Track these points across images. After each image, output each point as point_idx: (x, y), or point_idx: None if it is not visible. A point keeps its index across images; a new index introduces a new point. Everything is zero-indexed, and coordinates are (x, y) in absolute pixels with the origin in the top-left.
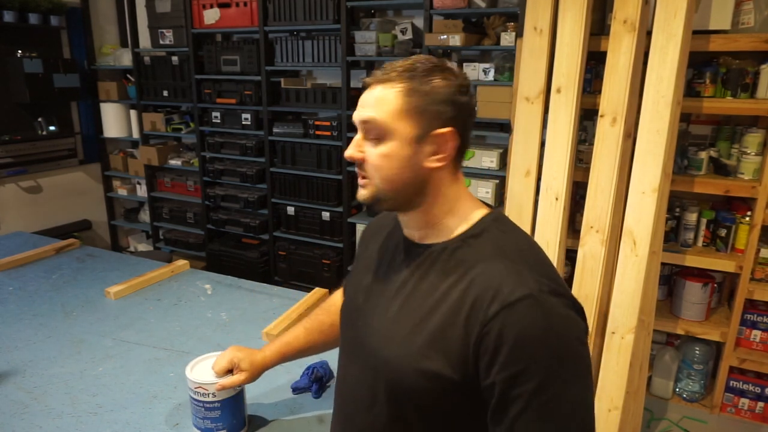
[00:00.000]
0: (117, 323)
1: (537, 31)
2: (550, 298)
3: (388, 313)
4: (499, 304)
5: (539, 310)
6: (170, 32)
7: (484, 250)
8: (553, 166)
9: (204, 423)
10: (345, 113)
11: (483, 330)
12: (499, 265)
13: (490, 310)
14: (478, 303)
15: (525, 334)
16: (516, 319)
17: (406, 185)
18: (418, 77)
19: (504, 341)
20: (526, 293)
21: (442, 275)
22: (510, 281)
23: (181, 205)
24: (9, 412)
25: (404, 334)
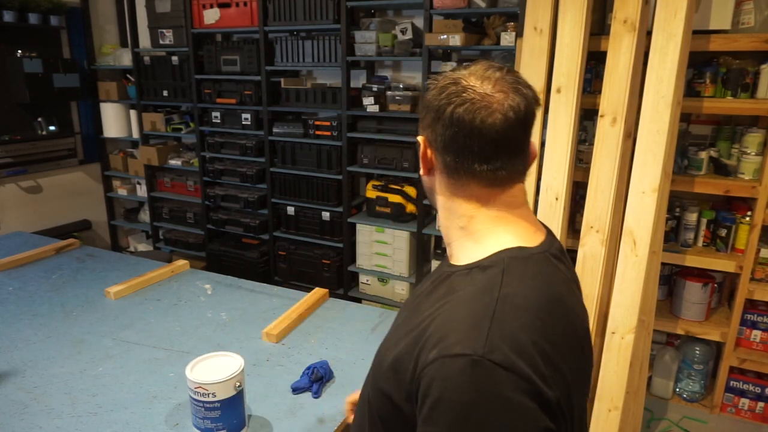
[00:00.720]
0: (117, 323)
1: (537, 31)
2: (494, 369)
3: (395, 325)
4: (438, 352)
5: (473, 377)
6: (170, 32)
7: (471, 286)
8: (553, 166)
9: (204, 423)
10: (345, 113)
11: (421, 373)
12: (463, 308)
13: (430, 354)
14: (427, 342)
15: (446, 398)
16: (445, 376)
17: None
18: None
19: (429, 394)
20: (467, 352)
21: (435, 300)
22: (460, 331)
23: (181, 205)
24: (9, 412)
25: (386, 350)
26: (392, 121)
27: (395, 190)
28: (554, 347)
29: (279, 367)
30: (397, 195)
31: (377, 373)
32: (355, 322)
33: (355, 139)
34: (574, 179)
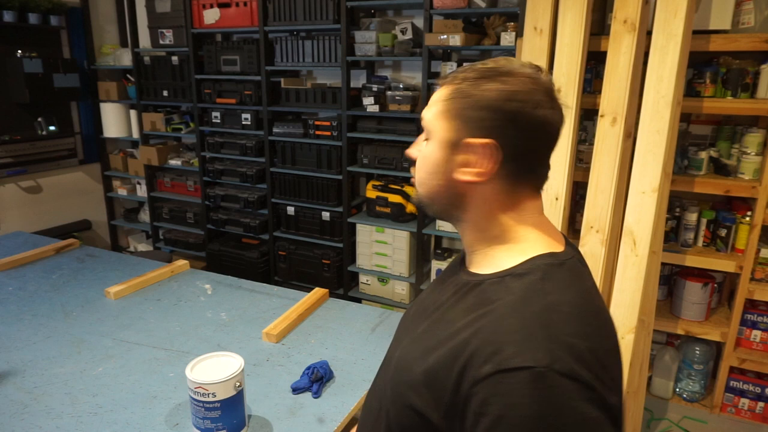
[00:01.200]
0: (117, 323)
1: (537, 31)
2: (560, 380)
3: (414, 335)
4: (493, 365)
5: (537, 390)
6: (170, 32)
7: (511, 294)
8: (553, 166)
9: (204, 423)
10: (345, 113)
11: (471, 389)
12: (511, 319)
13: (483, 369)
14: (476, 356)
15: (510, 414)
16: (505, 391)
17: (438, 193)
18: (471, 79)
19: (486, 412)
20: (528, 364)
21: (465, 310)
22: (515, 342)
23: (181, 205)
24: (9, 412)
25: (411, 361)
26: (392, 121)
27: (395, 190)
28: (606, 353)
29: (279, 367)
30: (397, 195)
31: (400, 387)
32: (355, 322)
33: (355, 139)
34: (574, 179)
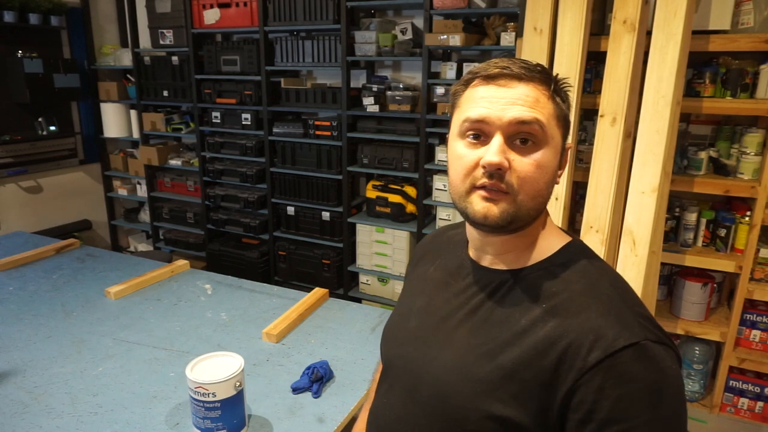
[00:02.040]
0: (117, 323)
1: (537, 31)
2: (657, 348)
3: (453, 343)
4: (602, 351)
5: (647, 362)
6: (170, 32)
7: (575, 283)
8: None
9: (204, 423)
10: (345, 113)
11: (580, 380)
12: (597, 304)
13: (591, 357)
14: (573, 349)
15: (633, 389)
16: (621, 371)
17: (546, 201)
18: (556, 83)
19: (607, 395)
20: (632, 341)
21: (522, 307)
22: (613, 325)
23: (181, 205)
24: (9, 412)
25: (472, 369)
26: (392, 121)
27: (395, 190)
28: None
29: (279, 367)
30: (397, 195)
31: (467, 400)
32: (355, 322)
33: (355, 139)
34: (574, 179)
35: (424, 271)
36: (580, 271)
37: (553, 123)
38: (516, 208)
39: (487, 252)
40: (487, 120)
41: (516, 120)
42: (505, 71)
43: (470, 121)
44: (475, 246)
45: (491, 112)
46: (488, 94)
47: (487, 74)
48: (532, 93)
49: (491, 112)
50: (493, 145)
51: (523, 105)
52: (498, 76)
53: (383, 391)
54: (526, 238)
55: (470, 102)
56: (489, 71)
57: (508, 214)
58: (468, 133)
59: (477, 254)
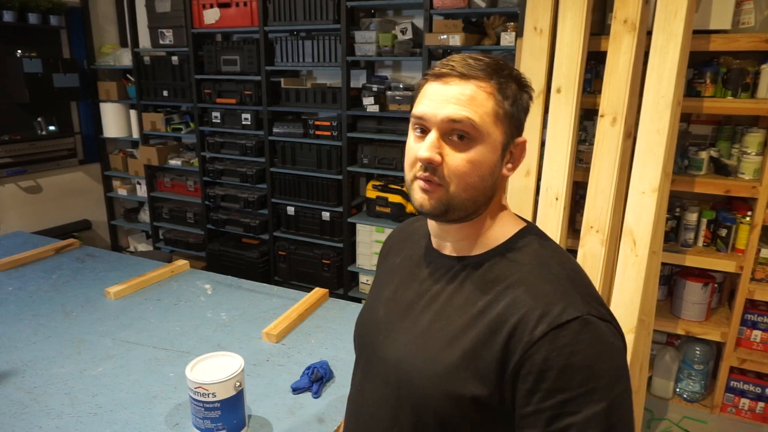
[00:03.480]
0: (117, 323)
1: (537, 31)
2: (600, 324)
3: (416, 328)
4: (547, 324)
5: (590, 334)
6: (170, 32)
7: (526, 265)
8: (553, 166)
9: (204, 423)
10: (345, 113)
11: (527, 352)
12: (545, 283)
13: (537, 330)
14: (522, 324)
15: (575, 360)
16: (566, 342)
17: (484, 194)
18: (503, 80)
19: (551, 366)
20: (576, 315)
21: (478, 290)
22: (558, 301)
23: (181, 205)
24: (9, 412)
25: (434, 352)
26: (392, 121)
27: (395, 190)
28: (598, 293)
29: (279, 367)
30: (397, 195)
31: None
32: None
33: (355, 139)
34: (574, 179)
35: (392, 262)
36: (531, 253)
37: (489, 120)
38: (448, 199)
39: (446, 240)
40: (425, 117)
41: (447, 118)
42: (451, 70)
43: (415, 117)
44: (435, 234)
45: (428, 110)
46: (433, 92)
47: (435, 72)
48: (469, 91)
49: (428, 109)
50: (426, 141)
51: (456, 104)
52: (444, 75)
53: (358, 379)
54: (478, 226)
55: (420, 98)
56: (438, 70)
57: (442, 204)
58: (415, 127)
59: (438, 243)
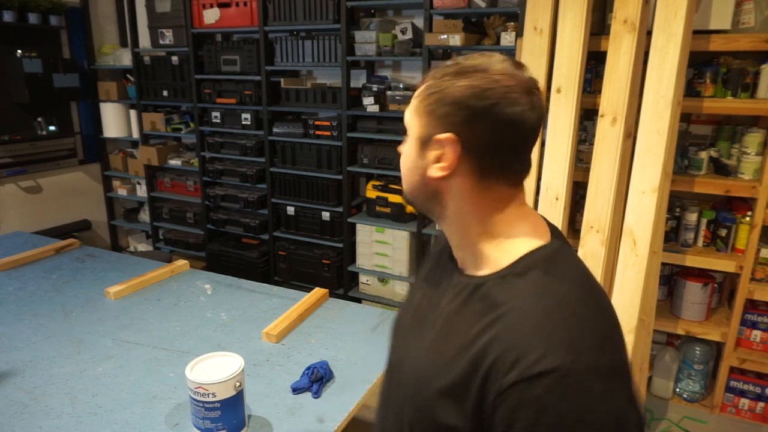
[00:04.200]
0: (117, 323)
1: (537, 31)
2: (581, 377)
3: (423, 343)
4: (518, 374)
5: (563, 392)
6: (170, 32)
7: (520, 295)
8: (554, 166)
9: (204, 423)
10: (345, 113)
11: (497, 399)
12: (530, 319)
13: (506, 378)
14: (497, 365)
15: (543, 420)
16: (534, 397)
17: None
18: (449, 75)
19: (518, 418)
20: (551, 367)
21: (474, 316)
22: (538, 345)
23: (181, 205)
24: (9, 412)
25: (429, 373)
26: (392, 121)
27: (395, 190)
28: (616, 336)
29: (279, 367)
30: (397, 195)
31: (422, 403)
32: (355, 322)
33: (355, 139)
34: (574, 179)
35: (427, 267)
36: (531, 281)
37: (413, 114)
38: (403, 190)
39: (453, 247)
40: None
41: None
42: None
43: None
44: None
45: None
46: None
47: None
48: (416, 92)
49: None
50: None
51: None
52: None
53: (384, 380)
54: (458, 233)
55: None
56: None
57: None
58: None
59: (455, 252)
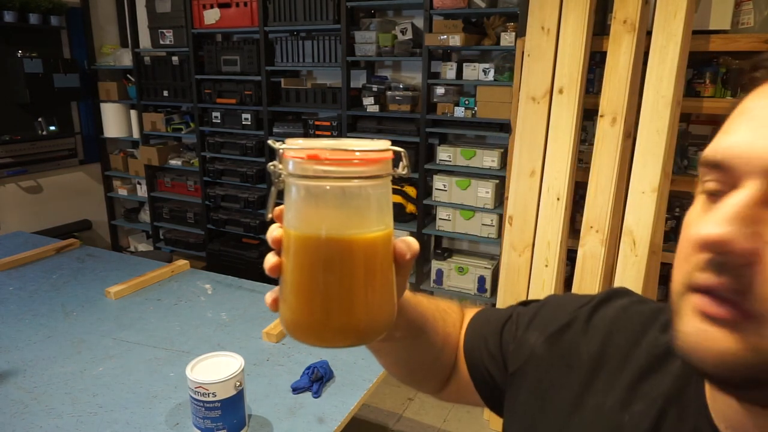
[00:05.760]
0: (117, 323)
1: (544, 30)
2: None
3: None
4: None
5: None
6: (170, 32)
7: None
8: (555, 167)
9: (204, 423)
10: (345, 113)
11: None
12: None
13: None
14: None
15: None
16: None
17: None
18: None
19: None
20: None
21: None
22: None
23: (181, 205)
24: (9, 412)
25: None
26: (392, 121)
27: (395, 190)
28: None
29: (279, 367)
30: (397, 195)
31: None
32: None
33: None
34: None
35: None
36: None
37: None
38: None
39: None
40: (728, 159)
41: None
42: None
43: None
44: (731, 425)
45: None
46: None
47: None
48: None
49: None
50: (722, 207)
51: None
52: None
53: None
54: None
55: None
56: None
57: (747, 360)
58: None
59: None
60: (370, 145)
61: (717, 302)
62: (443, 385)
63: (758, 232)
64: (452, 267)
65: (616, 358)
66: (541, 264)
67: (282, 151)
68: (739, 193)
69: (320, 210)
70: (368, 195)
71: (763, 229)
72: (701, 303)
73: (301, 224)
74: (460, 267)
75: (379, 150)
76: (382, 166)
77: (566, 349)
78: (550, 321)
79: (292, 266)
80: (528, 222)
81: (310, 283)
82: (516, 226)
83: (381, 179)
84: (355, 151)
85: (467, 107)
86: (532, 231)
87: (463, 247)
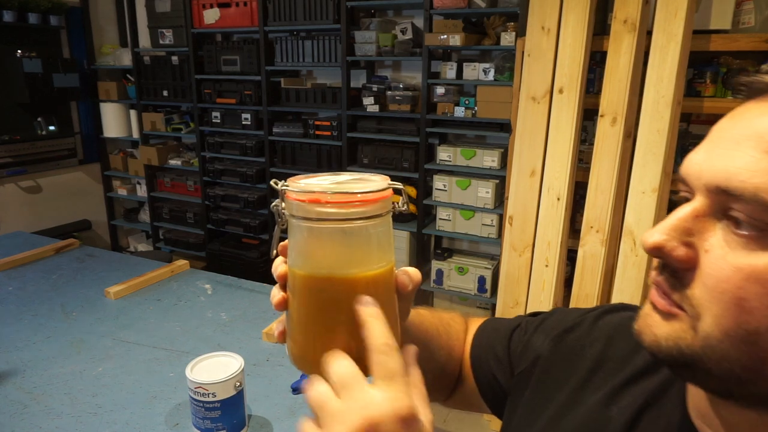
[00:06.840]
0: (117, 323)
1: (544, 30)
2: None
3: None
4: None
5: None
6: (170, 32)
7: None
8: (555, 167)
9: (204, 423)
10: (345, 113)
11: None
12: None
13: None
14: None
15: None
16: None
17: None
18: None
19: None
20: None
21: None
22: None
23: (181, 205)
24: (9, 412)
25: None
26: (392, 121)
27: (395, 190)
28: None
29: (279, 367)
30: (397, 195)
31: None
32: None
33: (355, 139)
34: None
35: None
36: None
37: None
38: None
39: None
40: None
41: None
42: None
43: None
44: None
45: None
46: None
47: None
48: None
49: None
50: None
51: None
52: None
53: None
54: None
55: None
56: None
57: (677, 346)
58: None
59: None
60: (369, 184)
61: (660, 294)
62: (448, 395)
63: (693, 243)
64: (452, 267)
65: (614, 361)
66: (541, 264)
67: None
68: (686, 206)
69: (323, 250)
70: (369, 234)
71: (700, 239)
72: (651, 294)
73: (305, 264)
74: (460, 267)
75: (379, 190)
76: (382, 204)
77: (570, 348)
78: (556, 324)
79: (298, 304)
80: (528, 222)
81: (315, 321)
82: (516, 226)
83: (381, 218)
84: (357, 193)
85: (467, 107)
86: (532, 231)
87: (463, 247)
